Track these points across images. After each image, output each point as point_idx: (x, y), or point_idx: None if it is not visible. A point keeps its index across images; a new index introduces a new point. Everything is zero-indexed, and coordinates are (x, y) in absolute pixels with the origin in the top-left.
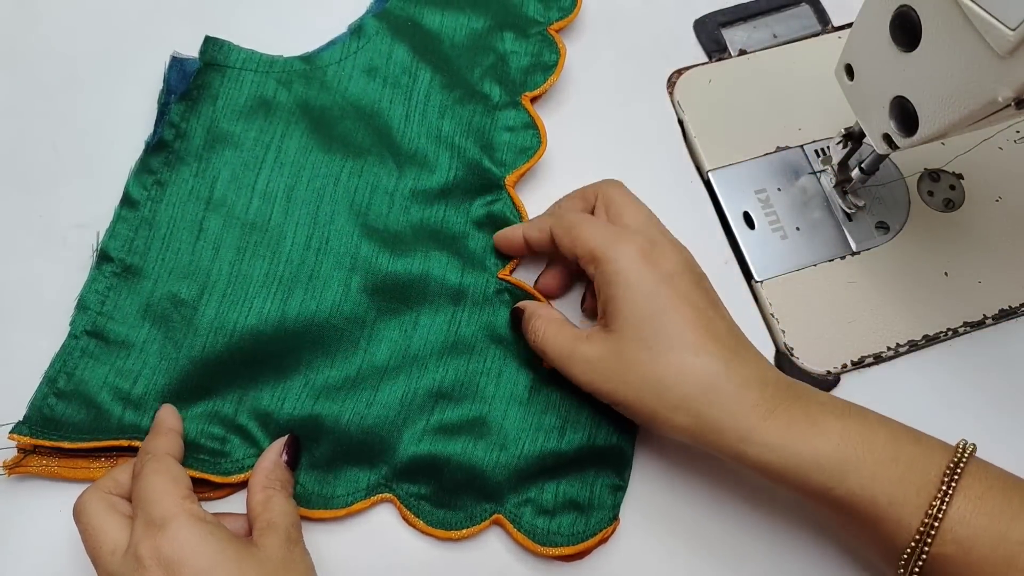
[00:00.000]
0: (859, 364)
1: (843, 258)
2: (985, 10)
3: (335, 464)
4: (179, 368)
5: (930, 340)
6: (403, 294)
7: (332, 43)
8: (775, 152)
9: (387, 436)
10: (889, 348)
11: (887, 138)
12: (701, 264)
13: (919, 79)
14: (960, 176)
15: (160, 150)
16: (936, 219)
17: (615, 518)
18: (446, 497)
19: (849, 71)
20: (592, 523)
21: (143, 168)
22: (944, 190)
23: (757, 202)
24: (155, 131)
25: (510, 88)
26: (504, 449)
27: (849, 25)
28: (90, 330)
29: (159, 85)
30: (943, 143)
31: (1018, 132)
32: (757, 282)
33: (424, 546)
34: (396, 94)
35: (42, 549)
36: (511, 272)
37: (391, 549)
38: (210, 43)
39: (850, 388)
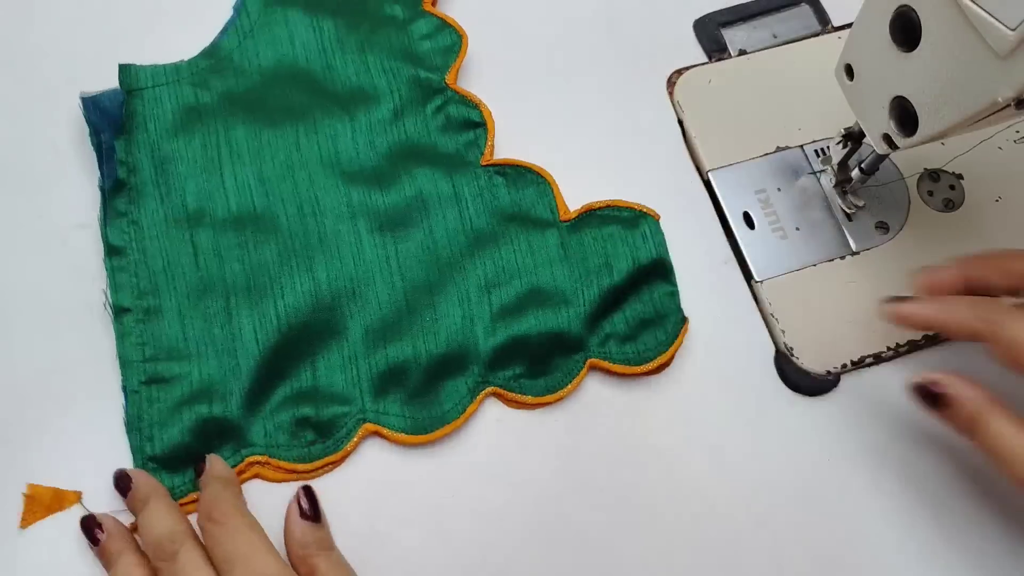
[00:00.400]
0: (859, 364)
1: (843, 258)
2: (985, 10)
3: (431, 386)
4: (245, 373)
5: (930, 340)
6: (410, 218)
7: (225, 30)
8: (775, 152)
9: (464, 341)
10: (889, 348)
11: (887, 138)
12: (701, 264)
13: (919, 79)
14: (960, 176)
15: (120, 191)
16: (936, 219)
17: (684, 318)
18: (539, 367)
19: (849, 71)
20: (670, 330)
21: (113, 214)
22: (944, 190)
23: (757, 202)
24: (103, 174)
25: (408, 2)
26: (568, 305)
27: (849, 25)
28: (145, 380)
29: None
30: (943, 143)
31: (1018, 132)
32: (757, 282)
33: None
34: (309, 51)
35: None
36: (491, 155)
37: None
38: (123, 71)
39: (850, 388)
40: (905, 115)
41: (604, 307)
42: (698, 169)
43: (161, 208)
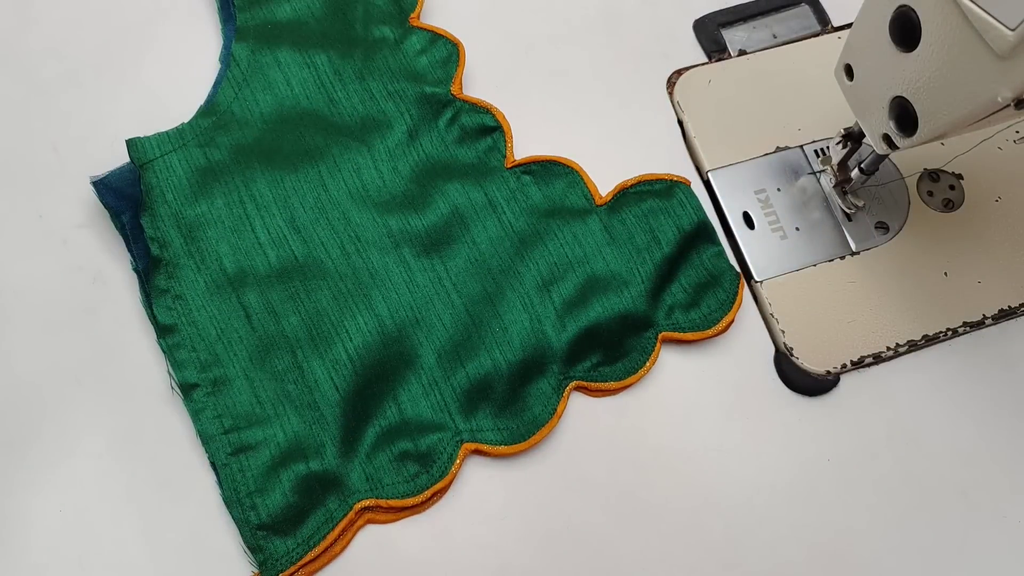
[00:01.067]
0: (859, 364)
1: (843, 258)
2: (985, 10)
3: (517, 393)
4: (332, 422)
5: (930, 340)
6: (451, 235)
7: (217, 83)
8: (775, 152)
9: (537, 343)
10: (889, 348)
11: (887, 138)
12: None
13: (919, 79)
14: (960, 176)
15: (157, 268)
16: (936, 219)
17: (737, 274)
18: (614, 352)
19: (849, 71)
20: (728, 288)
21: (155, 293)
22: (944, 190)
23: (757, 202)
24: (134, 256)
25: (394, 21)
26: (627, 285)
27: (849, 25)
28: (232, 452)
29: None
30: (943, 143)
31: (1017, 132)
32: (757, 282)
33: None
34: (308, 89)
35: (42, 549)
36: (513, 155)
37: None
38: (132, 145)
39: (850, 388)
40: (905, 115)
41: (661, 280)
42: (698, 169)
43: (200, 277)
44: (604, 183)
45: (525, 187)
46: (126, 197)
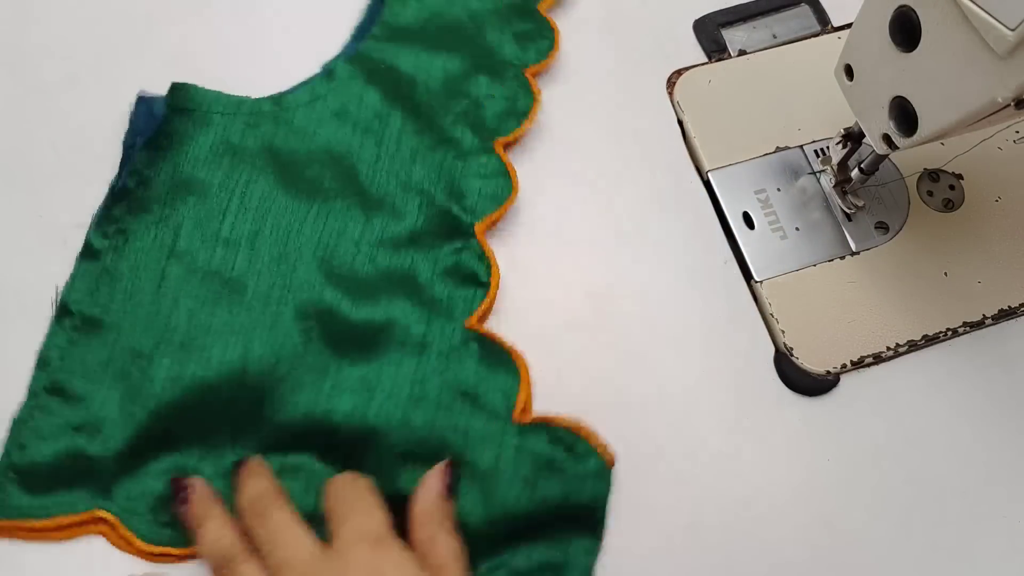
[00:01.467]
0: (859, 364)
1: (843, 258)
2: (985, 10)
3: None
4: (136, 423)
5: (930, 340)
6: (366, 344)
7: (303, 84)
8: (775, 152)
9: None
10: (889, 348)
11: (887, 138)
12: (701, 264)
13: (919, 79)
14: (960, 176)
15: (123, 198)
16: (936, 219)
17: None
18: None
19: (849, 71)
20: None
21: (105, 216)
22: (944, 190)
23: (757, 202)
24: (119, 175)
25: (483, 133)
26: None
27: (849, 25)
28: (49, 387)
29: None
30: (943, 143)
31: (1017, 132)
32: (757, 282)
33: None
34: (366, 139)
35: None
36: (479, 321)
37: None
38: (176, 89)
39: (850, 388)
40: (905, 115)
41: (513, 531)
42: (698, 169)
43: (154, 228)
44: (604, 183)
45: (465, 355)
46: (152, 124)
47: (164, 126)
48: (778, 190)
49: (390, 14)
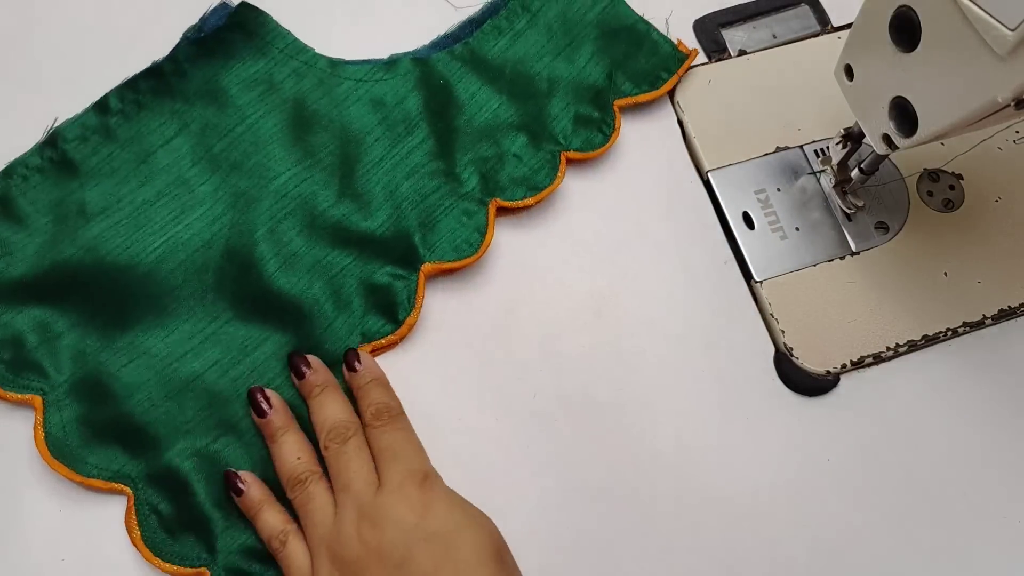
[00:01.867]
0: (859, 364)
1: (843, 258)
2: (985, 10)
3: (105, 434)
4: (38, 266)
5: (930, 340)
6: (266, 310)
7: (364, 62)
8: (775, 152)
9: (162, 420)
10: (889, 348)
11: (886, 138)
12: (701, 264)
13: (918, 80)
14: (960, 176)
15: (154, 76)
16: (936, 219)
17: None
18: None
19: (849, 71)
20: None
21: (131, 84)
22: (944, 190)
23: (757, 202)
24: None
25: (487, 187)
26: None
27: (849, 25)
28: None
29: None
30: (942, 143)
31: (1017, 132)
32: (757, 282)
33: None
34: (384, 137)
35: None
36: (372, 350)
37: None
38: (248, 9)
39: (850, 388)
40: (904, 115)
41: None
42: (698, 169)
43: (166, 116)
44: (603, 184)
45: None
46: (213, 28)
47: (223, 33)
48: (778, 190)
49: (478, 40)
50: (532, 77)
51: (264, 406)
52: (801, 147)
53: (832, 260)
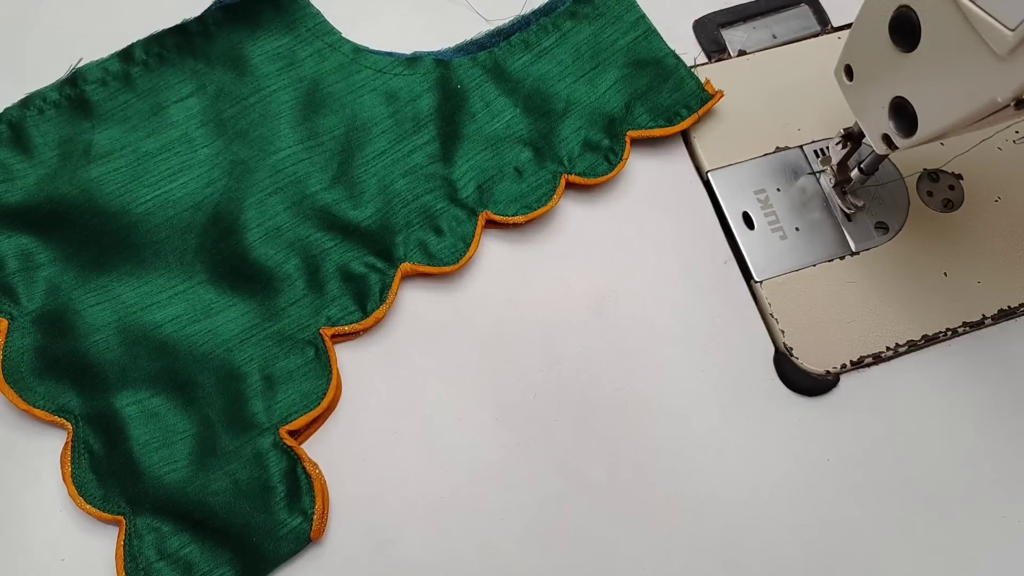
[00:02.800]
0: (858, 364)
1: (843, 258)
2: (984, 11)
3: (57, 367)
4: (38, 198)
5: (929, 340)
6: (237, 277)
7: (388, 54)
8: (774, 152)
9: (114, 364)
10: (888, 348)
11: (886, 139)
12: (701, 264)
13: (918, 80)
14: (959, 176)
15: (182, 34)
16: (935, 219)
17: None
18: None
19: (848, 72)
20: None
21: (157, 37)
22: (943, 190)
23: (756, 202)
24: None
25: (481, 199)
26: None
27: (849, 26)
28: (9, 121)
29: None
30: (942, 143)
31: (1017, 132)
32: (756, 282)
33: None
34: (390, 131)
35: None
36: (333, 336)
37: None
38: None
39: (849, 388)
40: (904, 116)
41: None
42: (698, 169)
43: (184, 75)
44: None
45: (295, 355)
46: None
47: (254, 4)
48: (778, 190)
49: (503, 51)
50: (550, 96)
51: None
52: (801, 147)
53: (832, 260)
